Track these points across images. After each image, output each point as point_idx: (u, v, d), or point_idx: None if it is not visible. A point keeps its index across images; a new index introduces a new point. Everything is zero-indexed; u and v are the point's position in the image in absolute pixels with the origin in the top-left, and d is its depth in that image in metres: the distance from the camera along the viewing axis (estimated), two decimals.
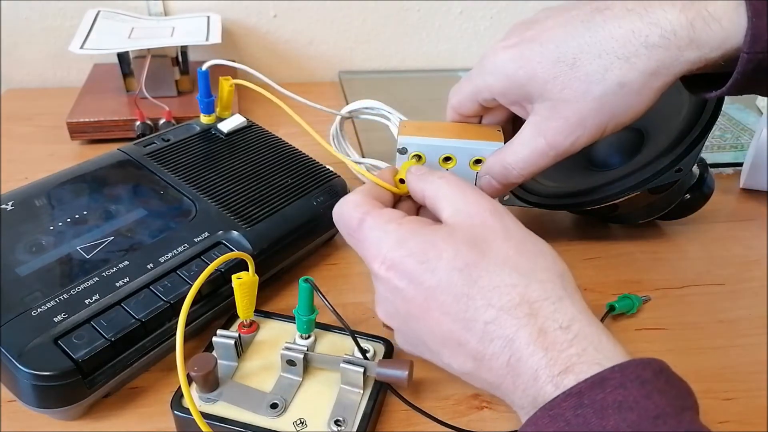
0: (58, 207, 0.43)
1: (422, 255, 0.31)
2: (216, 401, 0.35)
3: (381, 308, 0.35)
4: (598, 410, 0.25)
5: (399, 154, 0.43)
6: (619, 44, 0.33)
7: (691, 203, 0.53)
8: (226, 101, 0.54)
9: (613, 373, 0.26)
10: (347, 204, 0.35)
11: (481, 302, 0.29)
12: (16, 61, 0.81)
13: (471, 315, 0.30)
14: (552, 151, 0.37)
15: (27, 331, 0.34)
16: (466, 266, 0.30)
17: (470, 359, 0.30)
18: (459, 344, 0.30)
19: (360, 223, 0.34)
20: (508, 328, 0.29)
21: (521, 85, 0.36)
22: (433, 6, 0.87)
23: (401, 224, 0.33)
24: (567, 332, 0.28)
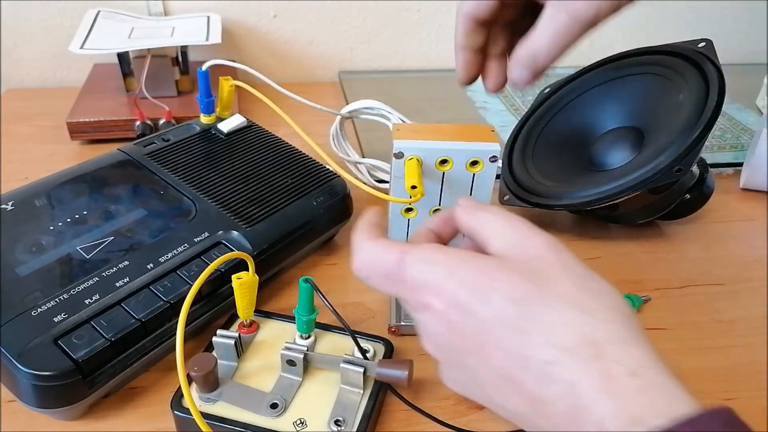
0: (58, 207, 0.43)
1: (474, 284, 0.29)
2: (216, 401, 0.35)
3: (430, 342, 0.32)
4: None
5: (395, 158, 0.43)
6: None
7: (691, 203, 0.53)
8: (226, 101, 0.54)
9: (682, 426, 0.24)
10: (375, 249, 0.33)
11: (539, 339, 0.27)
12: (16, 61, 0.81)
13: (528, 352, 0.27)
14: (576, 24, 0.36)
15: (27, 331, 0.34)
16: (523, 299, 0.28)
17: (525, 401, 0.28)
18: (513, 383, 0.28)
19: (400, 263, 0.31)
20: (571, 372, 0.26)
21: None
22: (433, 6, 0.87)
23: (447, 253, 0.30)
24: (635, 378, 0.25)
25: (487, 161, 0.42)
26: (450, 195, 0.45)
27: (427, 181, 0.43)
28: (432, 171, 0.43)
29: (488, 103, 0.78)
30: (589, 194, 0.49)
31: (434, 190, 0.45)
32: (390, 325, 0.43)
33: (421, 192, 0.41)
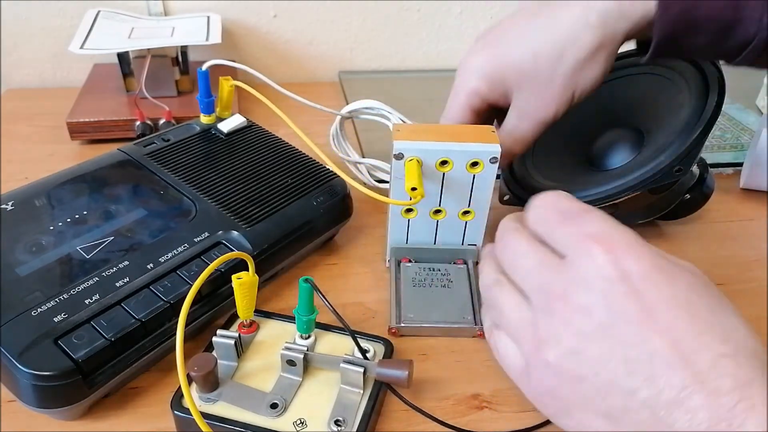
0: (58, 207, 0.43)
1: (659, 265, 0.28)
2: (216, 401, 0.35)
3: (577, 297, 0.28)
4: None
5: (395, 159, 0.43)
6: (567, 30, 0.41)
7: (691, 203, 0.53)
8: (226, 101, 0.54)
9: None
10: (568, 196, 0.32)
11: (720, 334, 0.26)
12: (16, 61, 0.81)
13: (703, 340, 0.26)
14: (539, 125, 0.44)
15: (27, 331, 0.34)
16: (706, 295, 0.28)
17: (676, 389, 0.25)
18: (668, 366, 0.26)
19: (588, 211, 0.30)
20: (746, 371, 0.25)
21: (500, 81, 0.43)
22: (433, 6, 0.87)
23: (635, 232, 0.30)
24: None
25: (487, 162, 0.42)
26: (450, 196, 0.45)
27: (427, 182, 0.43)
28: (432, 172, 0.43)
29: None
30: (589, 194, 0.49)
31: (434, 191, 0.45)
32: (390, 326, 0.43)
33: (421, 193, 0.41)
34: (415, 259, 0.48)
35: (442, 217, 0.46)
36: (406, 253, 0.48)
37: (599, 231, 0.29)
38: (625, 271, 0.27)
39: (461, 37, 0.90)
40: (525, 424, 0.37)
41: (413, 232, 0.47)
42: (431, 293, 0.45)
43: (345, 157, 0.58)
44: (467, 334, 0.43)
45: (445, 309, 0.44)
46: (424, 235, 0.47)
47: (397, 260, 0.48)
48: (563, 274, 0.29)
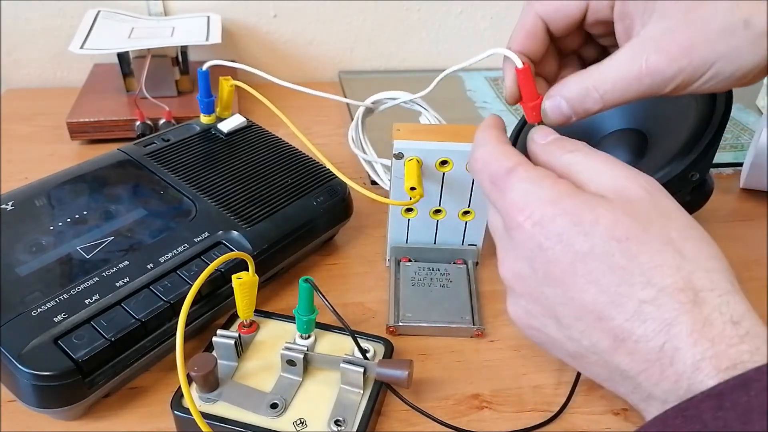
0: (58, 207, 0.43)
1: (577, 216, 0.28)
2: (216, 401, 0.35)
3: (511, 266, 0.31)
4: (742, 414, 0.23)
5: (395, 159, 0.43)
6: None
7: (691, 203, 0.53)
8: (226, 101, 0.54)
9: (759, 374, 0.23)
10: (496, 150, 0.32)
11: (639, 279, 0.27)
12: (16, 61, 0.81)
13: (624, 290, 0.27)
14: (648, 78, 0.32)
15: (27, 331, 0.34)
16: (626, 238, 0.27)
17: (609, 337, 0.27)
18: (599, 319, 0.27)
19: (509, 172, 0.31)
20: (668, 312, 0.26)
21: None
22: (433, 6, 0.87)
23: (556, 182, 0.30)
24: (737, 327, 0.25)
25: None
26: (450, 196, 0.45)
27: (428, 182, 0.43)
28: (432, 172, 0.43)
29: (488, 103, 0.78)
30: None
31: (434, 191, 0.45)
32: (388, 324, 0.43)
33: (420, 193, 0.41)
34: (414, 259, 0.48)
35: (442, 216, 0.46)
36: (405, 252, 0.48)
37: (519, 197, 0.30)
38: (545, 234, 0.29)
39: (461, 37, 0.90)
40: (525, 424, 0.37)
41: (413, 231, 0.47)
42: (430, 293, 0.45)
43: (362, 155, 0.56)
44: (465, 334, 0.43)
45: (443, 309, 0.44)
46: (424, 234, 0.47)
47: (397, 260, 0.48)
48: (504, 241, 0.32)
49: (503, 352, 0.42)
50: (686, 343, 0.25)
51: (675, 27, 0.31)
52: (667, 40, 0.32)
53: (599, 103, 0.34)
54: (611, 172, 0.30)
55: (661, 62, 0.32)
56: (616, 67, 0.33)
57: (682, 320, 0.26)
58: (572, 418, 0.38)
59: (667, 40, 0.32)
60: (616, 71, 0.33)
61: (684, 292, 0.26)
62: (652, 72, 0.32)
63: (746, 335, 0.25)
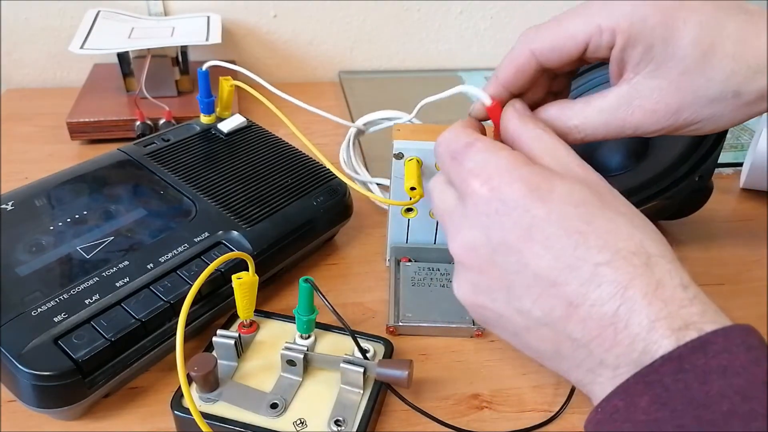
0: (58, 207, 0.43)
1: (533, 183, 0.28)
2: (216, 401, 0.35)
3: (463, 236, 0.30)
4: (701, 375, 0.23)
5: (395, 159, 0.43)
6: (753, 54, 0.31)
7: (691, 203, 0.53)
8: (226, 101, 0.54)
9: (716, 336, 0.24)
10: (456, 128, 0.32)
11: (594, 242, 0.27)
12: (16, 61, 0.81)
13: (580, 254, 0.27)
14: (630, 130, 0.33)
15: (27, 331, 0.34)
16: (582, 204, 0.28)
17: (563, 304, 0.27)
18: (553, 285, 0.27)
19: (468, 145, 0.30)
20: (623, 274, 0.26)
21: (651, 44, 0.31)
22: (433, 6, 0.87)
23: (514, 152, 0.30)
24: (686, 291, 0.26)
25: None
26: None
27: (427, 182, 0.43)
28: (432, 172, 0.43)
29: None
30: None
31: None
32: (388, 324, 0.43)
33: (420, 193, 0.41)
34: (414, 259, 0.48)
35: None
36: (405, 252, 0.48)
37: (476, 165, 0.30)
38: (501, 199, 0.28)
39: (461, 37, 0.90)
40: (525, 424, 0.37)
41: (413, 231, 0.47)
42: (430, 293, 0.45)
43: (355, 176, 0.56)
44: (465, 334, 0.43)
45: (443, 309, 0.44)
46: (424, 234, 0.47)
47: (397, 260, 0.48)
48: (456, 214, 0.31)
49: (503, 352, 0.42)
50: (641, 304, 0.25)
51: (666, 88, 0.32)
52: (655, 99, 0.32)
53: (579, 141, 0.35)
54: (568, 157, 0.31)
55: (646, 119, 0.33)
56: (600, 111, 0.34)
57: (637, 283, 0.26)
58: (572, 418, 0.38)
59: (655, 99, 0.32)
60: (599, 116, 0.34)
61: (637, 255, 0.26)
62: (635, 125, 0.33)
63: (694, 298, 0.26)
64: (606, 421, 0.25)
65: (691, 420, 0.23)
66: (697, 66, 0.31)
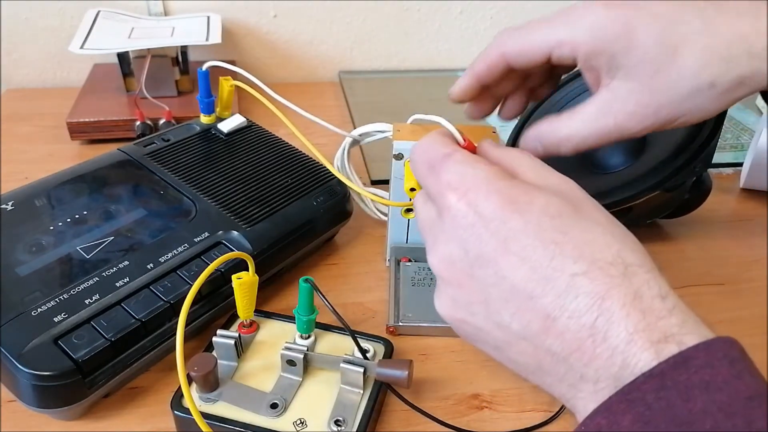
0: (58, 207, 0.43)
1: (510, 196, 0.28)
2: (216, 401, 0.35)
3: (441, 249, 0.30)
4: (683, 391, 0.23)
5: (395, 159, 0.43)
6: (725, 45, 0.32)
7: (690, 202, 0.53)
8: (226, 101, 0.54)
9: (697, 351, 0.24)
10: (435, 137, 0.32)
11: (570, 252, 0.26)
12: (16, 61, 0.81)
13: (557, 264, 0.26)
14: (617, 133, 0.34)
15: (27, 331, 0.34)
16: (559, 215, 0.28)
17: (540, 317, 0.27)
18: (530, 298, 0.27)
19: (447, 156, 0.31)
20: (600, 285, 0.26)
21: (614, 55, 0.33)
22: (433, 6, 0.87)
23: (491, 166, 0.30)
24: (665, 302, 0.26)
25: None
26: None
27: None
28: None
29: None
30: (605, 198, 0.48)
31: None
32: (388, 324, 0.43)
33: None
34: (414, 259, 0.48)
35: None
36: (405, 252, 0.48)
37: (454, 178, 0.30)
38: (478, 213, 0.28)
39: (461, 37, 0.90)
40: (525, 424, 0.37)
41: (413, 232, 0.47)
42: (430, 293, 0.44)
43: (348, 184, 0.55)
44: None
45: None
46: None
47: (397, 260, 0.48)
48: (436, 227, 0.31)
49: None
50: (618, 316, 0.25)
51: (641, 90, 0.33)
52: (633, 101, 0.33)
53: (572, 150, 0.36)
54: (547, 173, 0.31)
55: (628, 122, 0.34)
56: (585, 120, 0.35)
57: (614, 293, 0.25)
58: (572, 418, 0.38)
59: (634, 101, 0.33)
60: (585, 125, 0.35)
61: (614, 265, 0.26)
62: (620, 129, 0.34)
63: (673, 309, 0.26)
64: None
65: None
66: (667, 65, 0.32)
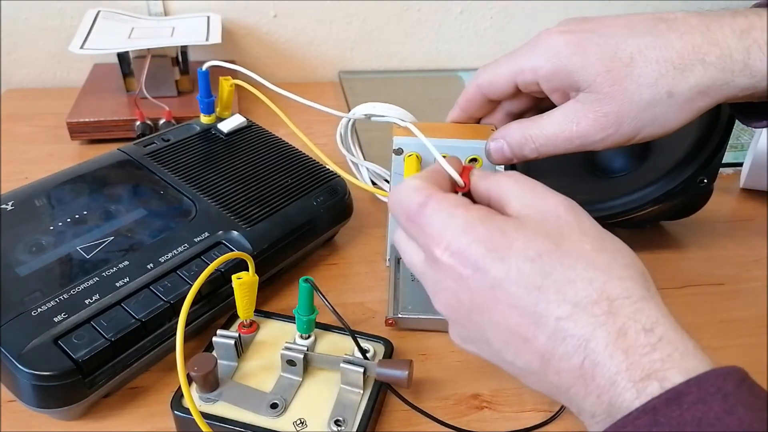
0: (58, 207, 0.43)
1: (491, 242, 0.29)
2: (216, 401, 0.35)
3: (440, 298, 0.32)
4: (675, 427, 0.23)
5: (395, 154, 0.43)
6: (677, 55, 0.34)
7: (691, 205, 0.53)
8: (226, 101, 0.54)
9: (689, 387, 0.24)
10: (407, 187, 0.33)
11: (554, 297, 0.27)
12: (16, 61, 0.81)
13: (542, 309, 0.27)
14: (579, 140, 0.36)
15: (27, 331, 0.34)
16: (539, 257, 0.28)
17: (537, 358, 0.28)
18: (525, 341, 0.28)
19: (421, 207, 0.31)
20: (584, 327, 0.26)
21: (571, 72, 0.35)
22: (433, 6, 0.87)
23: (469, 210, 0.31)
24: (650, 335, 0.26)
25: (486, 158, 0.42)
26: None
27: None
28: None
29: None
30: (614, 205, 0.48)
31: None
32: (387, 317, 0.43)
33: None
34: None
35: None
36: None
37: (435, 230, 0.31)
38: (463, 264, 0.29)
39: (461, 37, 0.90)
40: (525, 424, 0.37)
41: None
42: None
43: (348, 156, 0.57)
44: None
45: None
46: None
47: (397, 258, 0.48)
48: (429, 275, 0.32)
49: None
50: (603, 356, 0.26)
51: (602, 99, 0.35)
52: (594, 109, 0.35)
53: (535, 153, 0.38)
54: (532, 192, 0.32)
55: (590, 129, 0.36)
56: (551, 124, 0.37)
57: (598, 334, 0.26)
58: (572, 418, 0.38)
59: (595, 109, 0.35)
60: (550, 128, 0.37)
61: (598, 304, 0.27)
62: (582, 135, 0.36)
63: (659, 342, 0.26)
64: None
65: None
66: (623, 76, 0.34)
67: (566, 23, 0.37)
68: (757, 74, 0.33)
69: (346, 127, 0.56)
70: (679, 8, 0.37)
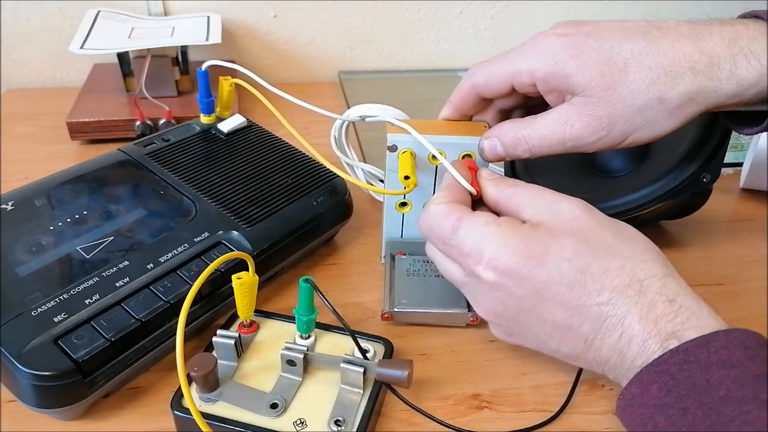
0: (58, 207, 0.43)
1: (528, 251, 0.33)
2: (216, 401, 0.35)
3: (483, 306, 0.36)
4: (703, 366, 0.28)
5: (389, 151, 0.43)
6: (669, 62, 0.35)
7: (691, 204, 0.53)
8: (226, 101, 0.54)
9: (717, 336, 0.29)
10: (435, 215, 0.36)
11: (593, 287, 0.32)
12: (16, 61, 0.81)
13: (584, 301, 0.32)
14: (571, 142, 0.38)
15: (27, 331, 0.34)
16: (574, 256, 0.32)
17: (581, 342, 0.33)
18: (570, 330, 0.33)
19: (454, 231, 0.35)
20: (621, 307, 0.31)
21: (567, 75, 0.36)
22: (433, 6, 0.87)
23: (500, 225, 0.34)
24: (672, 304, 0.31)
25: (479, 155, 0.43)
26: None
27: (421, 175, 0.44)
28: (425, 164, 0.44)
29: None
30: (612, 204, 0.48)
31: (428, 184, 0.45)
32: (383, 311, 0.43)
33: (414, 182, 0.42)
34: (409, 253, 0.48)
35: None
36: (400, 246, 0.48)
37: (471, 249, 0.34)
38: (505, 275, 0.33)
39: (461, 37, 0.90)
40: (525, 424, 0.37)
41: (408, 226, 0.47)
42: (425, 282, 0.45)
43: (343, 157, 0.57)
44: (460, 322, 0.43)
45: (438, 296, 0.44)
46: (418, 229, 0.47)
47: (392, 254, 0.48)
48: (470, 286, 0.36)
49: (503, 352, 0.42)
50: (637, 329, 0.31)
51: (596, 103, 0.36)
52: (588, 112, 0.37)
53: (528, 153, 0.39)
54: (544, 198, 0.36)
55: (583, 131, 0.37)
56: (545, 126, 0.38)
57: (633, 310, 0.31)
58: (572, 418, 0.38)
59: (589, 113, 0.37)
60: (544, 129, 0.38)
61: (631, 286, 0.32)
62: (575, 138, 0.37)
63: (680, 309, 0.31)
64: (626, 406, 0.31)
65: (693, 402, 0.28)
66: (617, 81, 0.36)
67: (562, 26, 0.38)
68: (743, 82, 0.35)
69: (339, 129, 0.56)
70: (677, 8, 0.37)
